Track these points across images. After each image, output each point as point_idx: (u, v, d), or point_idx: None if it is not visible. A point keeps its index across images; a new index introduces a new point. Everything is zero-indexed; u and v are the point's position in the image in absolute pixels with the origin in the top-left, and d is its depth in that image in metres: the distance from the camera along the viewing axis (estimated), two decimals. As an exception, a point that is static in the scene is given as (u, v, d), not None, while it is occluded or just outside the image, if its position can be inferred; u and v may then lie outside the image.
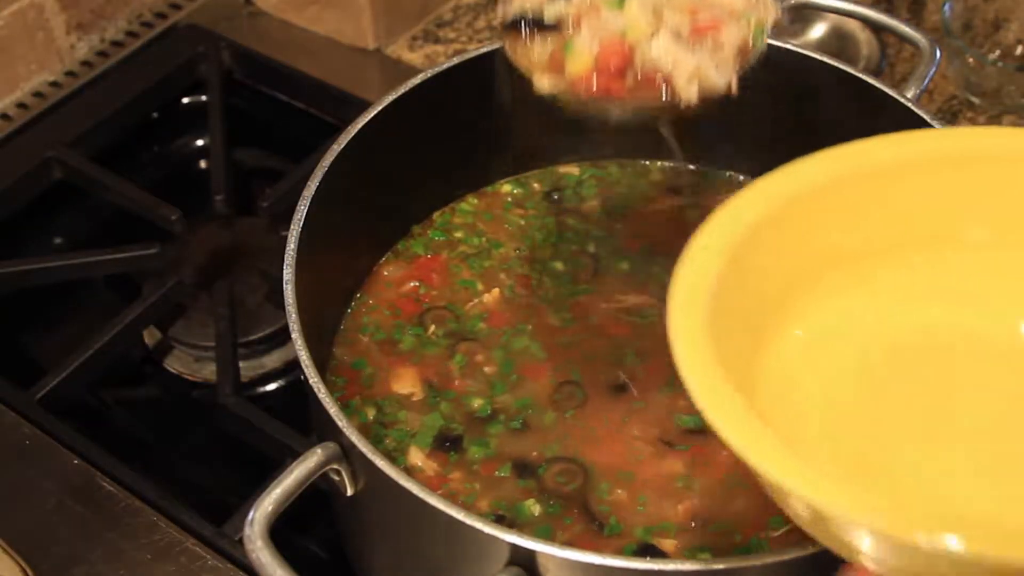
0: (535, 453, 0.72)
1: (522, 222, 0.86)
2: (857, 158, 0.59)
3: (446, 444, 0.73)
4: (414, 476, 0.66)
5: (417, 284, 0.82)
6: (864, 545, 0.47)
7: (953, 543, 0.43)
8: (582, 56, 0.63)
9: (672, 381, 0.73)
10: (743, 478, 0.69)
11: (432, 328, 0.79)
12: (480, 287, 0.81)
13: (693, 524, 0.68)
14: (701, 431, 0.72)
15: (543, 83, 0.64)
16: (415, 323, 0.79)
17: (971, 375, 0.58)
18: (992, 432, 0.55)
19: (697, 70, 0.62)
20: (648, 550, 0.67)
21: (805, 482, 0.46)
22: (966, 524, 0.43)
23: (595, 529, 0.68)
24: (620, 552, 0.67)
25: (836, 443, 0.55)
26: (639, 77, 0.63)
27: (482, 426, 0.74)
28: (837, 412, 0.56)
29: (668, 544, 0.67)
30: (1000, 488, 0.52)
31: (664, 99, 0.62)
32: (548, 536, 0.68)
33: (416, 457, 0.72)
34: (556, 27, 0.65)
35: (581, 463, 0.71)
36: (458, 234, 0.85)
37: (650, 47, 0.62)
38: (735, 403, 0.49)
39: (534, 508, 0.69)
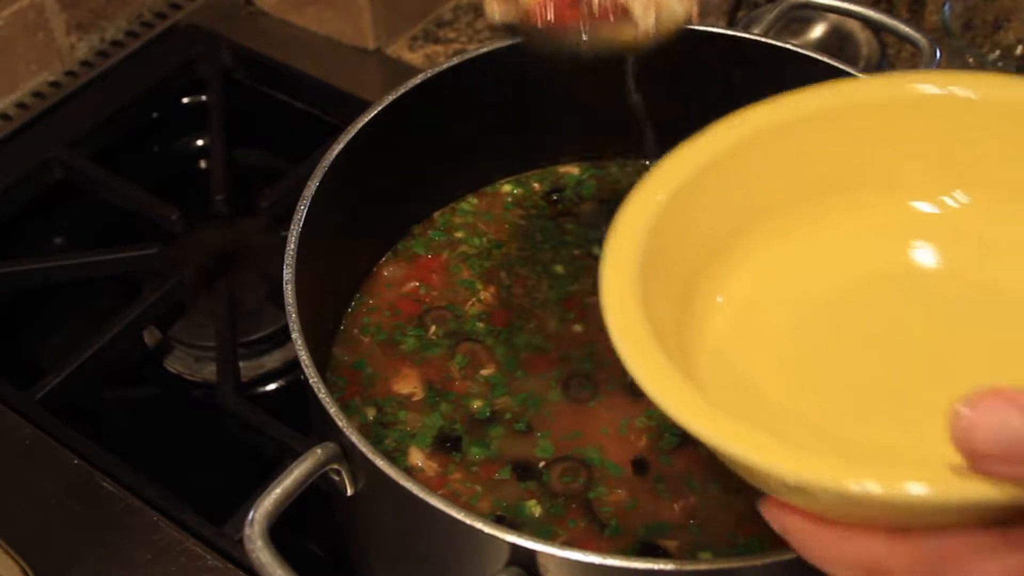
0: (537, 457, 0.72)
1: (522, 222, 0.86)
2: (775, 110, 0.58)
3: (447, 445, 0.73)
4: (415, 476, 0.66)
5: (417, 284, 0.82)
6: (796, 494, 0.46)
7: (911, 489, 0.42)
8: None
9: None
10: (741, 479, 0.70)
11: (433, 328, 0.79)
12: (480, 287, 0.81)
13: (692, 523, 0.68)
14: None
15: (494, 11, 0.62)
16: (415, 323, 0.79)
17: (905, 319, 0.56)
18: (931, 374, 0.53)
19: None
20: (650, 550, 0.67)
21: (734, 439, 0.45)
22: (907, 467, 0.42)
23: (596, 529, 0.68)
24: (621, 552, 0.66)
25: (771, 400, 0.54)
26: (596, 6, 0.62)
27: (483, 427, 0.73)
28: (769, 367, 0.56)
29: (669, 544, 0.67)
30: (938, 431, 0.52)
31: (622, 28, 0.61)
32: (549, 537, 0.68)
33: (416, 457, 0.72)
34: None
35: (584, 459, 0.71)
36: (458, 234, 0.85)
37: None
38: (669, 371, 0.48)
39: (535, 509, 0.69)
